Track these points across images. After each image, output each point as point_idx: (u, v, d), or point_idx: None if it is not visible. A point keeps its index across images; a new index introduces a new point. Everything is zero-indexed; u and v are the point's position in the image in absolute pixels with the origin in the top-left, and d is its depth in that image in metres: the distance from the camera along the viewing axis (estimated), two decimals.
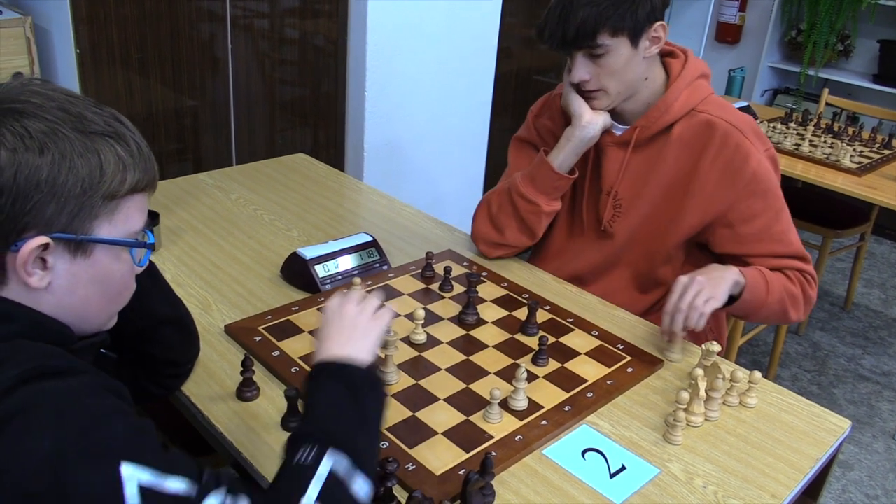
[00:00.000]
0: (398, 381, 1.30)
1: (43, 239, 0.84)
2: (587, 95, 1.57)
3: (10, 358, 0.79)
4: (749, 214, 1.54)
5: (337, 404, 0.93)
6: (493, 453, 1.12)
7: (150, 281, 1.14)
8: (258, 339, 1.38)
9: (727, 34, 5.05)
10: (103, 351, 1.05)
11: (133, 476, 0.73)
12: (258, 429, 1.18)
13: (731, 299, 1.48)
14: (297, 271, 1.59)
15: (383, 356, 1.29)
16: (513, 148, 1.80)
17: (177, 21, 2.57)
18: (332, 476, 0.83)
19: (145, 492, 0.73)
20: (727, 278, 1.45)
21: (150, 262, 1.16)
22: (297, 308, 1.48)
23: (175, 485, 0.75)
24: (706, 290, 1.39)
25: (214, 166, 2.25)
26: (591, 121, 1.56)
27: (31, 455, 0.72)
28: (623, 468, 1.14)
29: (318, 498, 0.81)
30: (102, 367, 1.03)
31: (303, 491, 0.81)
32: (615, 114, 1.62)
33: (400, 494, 1.05)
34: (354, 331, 1.02)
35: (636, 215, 1.63)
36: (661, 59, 1.59)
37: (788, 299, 1.54)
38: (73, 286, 0.89)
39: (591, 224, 1.70)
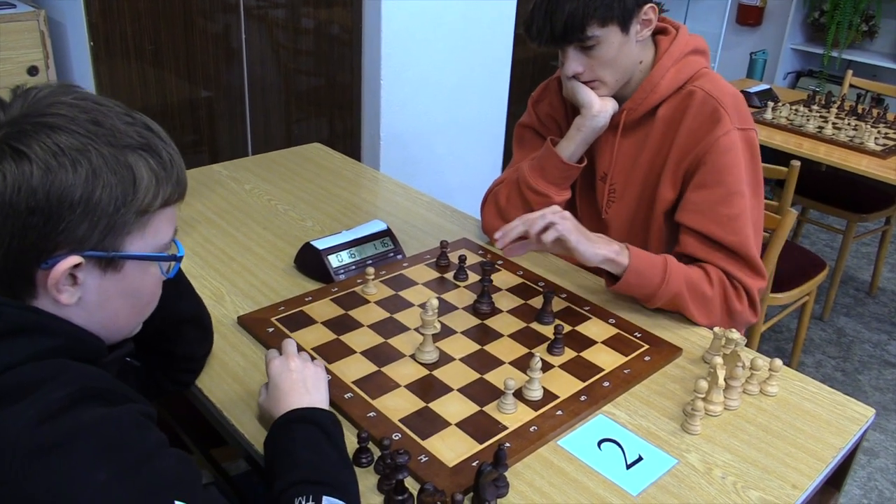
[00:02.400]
0: (437, 359, 1.30)
1: (75, 259, 0.82)
2: (586, 85, 1.54)
3: (53, 378, 0.78)
4: (699, 182, 1.47)
5: (317, 446, 0.98)
6: (507, 444, 1.11)
7: (173, 282, 1.13)
8: (271, 329, 1.37)
9: (749, 16, 4.98)
10: (128, 359, 1.05)
11: None
12: (270, 422, 1.17)
13: (615, 278, 1.44)
14: (310, 262, 1.58)
15: (422, 336, 1.29)
16: (516, 136, 1.77)
17: (190, 12, 2.57)
18: None
19: None
20: (595, 244, 1.39)
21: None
22: (310, 299, 1.47)
23: None
24: (559, 225, 1.37)
25: (230, 157, 2.25)
26: (601, 109, 1.52)
27: (86, 485, 0.71)
28: (640, 459, 1.12)
29: None
30: (126, 376, 1.03)
31: None
32: None
33: (412, 487, 1.03)
34: (306, 382, 1.09)
35: (628, 199, 1.60)
36: (653, 37, 1.54)
37: (693, 299, 1.43)
38: (103, 301, 0.88)
39: (589, 213, 1.68)
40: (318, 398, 1.09)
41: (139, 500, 0.73)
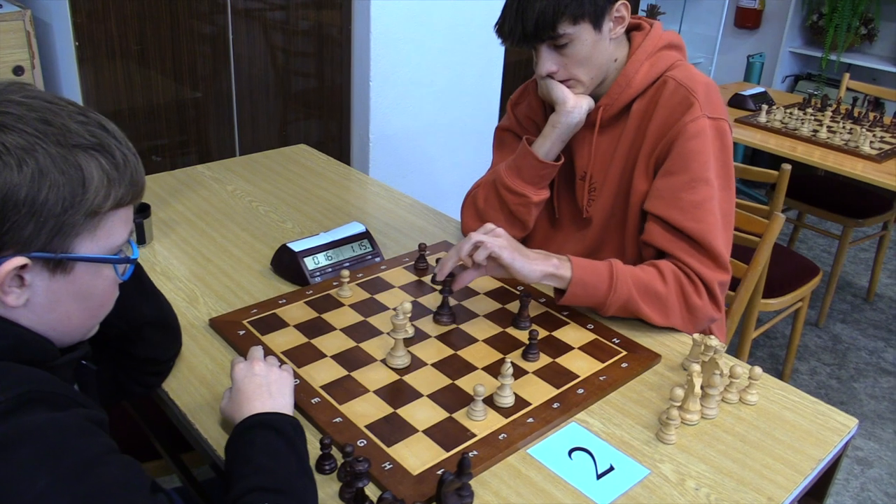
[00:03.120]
0: (408, 364, 1.27)
1: (20, 260, 0.79)
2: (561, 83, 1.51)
3: None
4: (666, 168, 1.44)
5: (274, 452, 0.96)
6: (474, 452, 1.08)
7: (134, 284, 1.10)
8: (242, 332, 1.34)
9: (747, 19, 4.95)
10: (84, 362, 1.02)
11: None
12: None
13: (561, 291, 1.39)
14: (286, 264, 1.55)
15: (393, 340, 1.26)
16: (496, 139, 1.75)
17: (176, 12, 2.54)
18: None
19: None
20: (532, 260, 1.33)
21: (139, 268, 1.13)
22: (283, 301, 1.44)
23: None
24: (489, 243, 1.32)
25: (218, 159, 2.22)
26: (575, 105, 1.50)
27: (25, 491, 0.69)
28: (611, 468, 1.09)
29: None
30: (82, 379, 1.01)
31: None
32: None
33: (375, 495, 1.01)
34: (270, 387, 1.07)
35: (606, 195, 1.57)
36: (627, 34, 1.52)
37: (646, 301, 1.39)
38: (53, 303, 0.85)
39: (570, 212, 1.65)
40: (281, 403, 1.06)
41: None
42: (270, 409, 1.03)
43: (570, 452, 1.12)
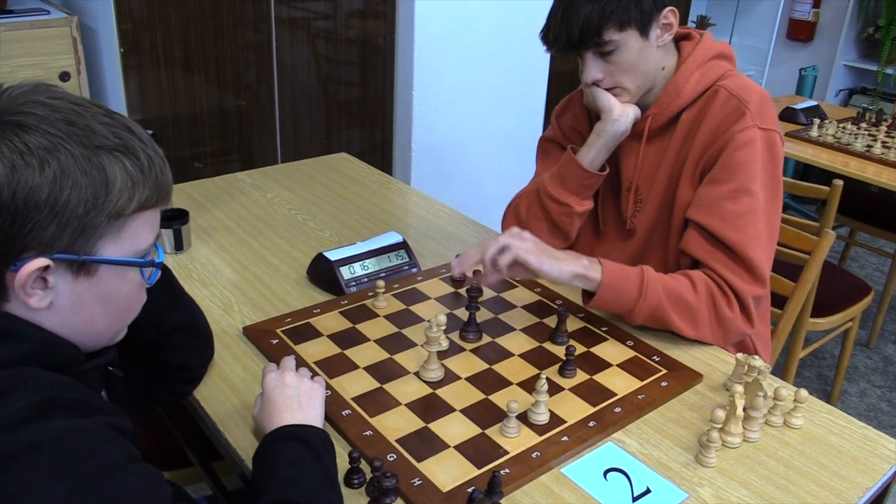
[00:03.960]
0: (441, 377, 1.25)
1: (43, 261, 0.80)
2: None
3: (19, 387, 0.76)
4: (711, 177, 1.41)
5: (301, 464, 0.95)
6: (506, 470, 1.06)
7: (164, 289, 1.10)
8: (275, 341, 1.34)
9: (799, 31, 4.85)
10: (110, 368, 1.02)
11: None
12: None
13: (591, 294, 1.38)
14: (322, 273, 1.55)
15: (427, 353, 1.25)
16: (540, 150, 1.73)
17: (220, 20, 2.57)
18: None
19: None
20: (562, 261, 1.32)
21: (166, 268, 1.13)
22: (318, 311, 1.44)
23: None
24: (515, 247, 1.31)
25: (260, 167, 2.24)
26: (622, 114, 1.47)
27: (43, 499, 0.69)
28: (648, 491, 1.06)
29: None
30: (109, 385, 1.01)
31: None
32: None
33: None
34: (301, 398, 1.06)
35: (650, 207, 1.54)
36: (676, 43, 1.49)
37: (675, 310, 1.35)
38: (77, 306, 0.85)
39: (614, 223, 1.62)
40: (311, 415, 1.05)
41: None
42: (300, 422, 1.03)
43: (605, 473, 1.09)
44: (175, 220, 1.64)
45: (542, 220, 1.59)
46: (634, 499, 1.05)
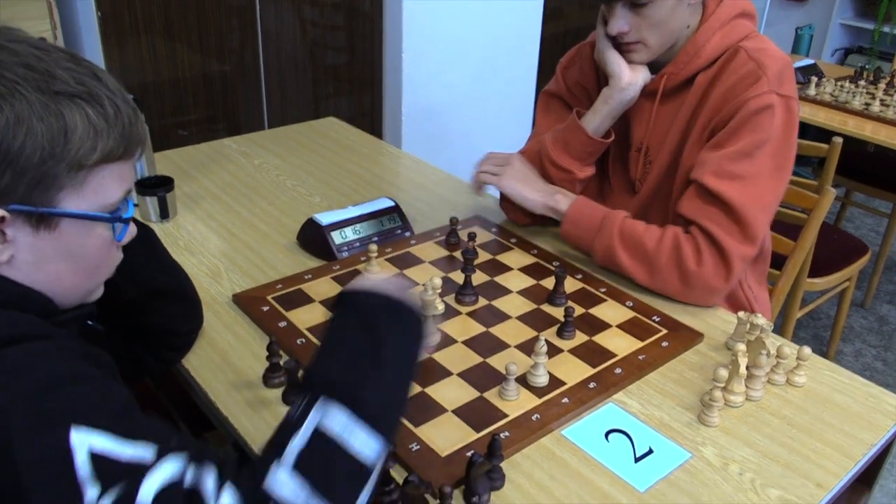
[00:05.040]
0: (437, 341, 1.21)
1: None
2: (623, 48, 1.44)
3: None
4: (716, 141, 1.37)
5: (343, 341, 0.80)
6: (506, 433, 1.05)
7: (145, 249, 1.08)
8: (266, 308, 1.32)
9: None
10: (90, 323, 1.00)
11: (84, 442, 0.67)
12: (258, 405, 1.12)
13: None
14: (312, 238, 1.52)
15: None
16: (541, 103, 1.68)
17: None
18: (317, 434, 0.71)
19: (97, 458, 0.67)
20: (536, 192, 1.51)
21: (147, 228, 1.10)
22: (309, 276, 1.42)
23: (132, 451, 0.68)
24: (501, 171, 1.54)
25: (246, 133, 2.20)
26: (630, 82, 1.43)
27: None
28: (650, 451, 1.05)
29: (297, 463, 0.69)
30: (89, 341, 0.98)
31: (280, 454, 0.70)
32: None
33: (401, 477, 0.97)
34: (389, 287, 0.87)
35: (657, 168, 1.50)
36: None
37: (626, 252, 1.38)
38: (40, 261, 0.82)
39: (621, 185, 1.59)
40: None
41: (29, 429, 0.67)
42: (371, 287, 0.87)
43: (606, 434, 1.08)
44: (160, 187, 1.61)
45: None
46: (637, 459, 1.04)
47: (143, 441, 0.69)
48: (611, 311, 1.35)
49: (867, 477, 1.20)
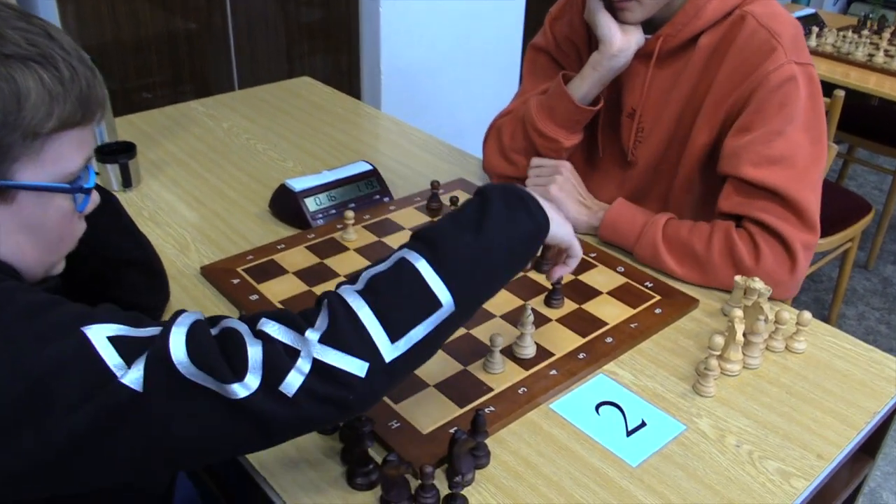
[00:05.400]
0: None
1: None
2: (616, 5, 1.38)
3: None
4: (741, 125, 1.32)
5: (454, 215, 0.86)
6: (491, 408, 1.04)
7: (109, 219, 1.07)
8: (236, 281, 1.30)
9: None
10: None
11: (99, 332, 0.70)
12: None
13: None
14: (286, 205, 1.50)
15: None
16: (528, 58, 1.65)
17: None
18: (395, 264, 0.79)
19: (117, 340, 0.70)
20: (582, 208, 1.49)
21: (111, 197, 1.08)
22: (282, 246, 1.40)
23: (146, 331, 0.73)
24: (548, 182, 1.48)
25: (215, 94, 2.17)
26: (622, 48, 1.38)
27: None
28: (643, 424, 1.04)
29: (367, 286, 0.78)
30: None
31: (354, 280, 0.79)
32: None
33: (381, 456, 0.96)
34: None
35: (656, 140, 1.46)
36: None
37: (676, 260, 1.34)
38: None
39: (612, 152, 1.55)
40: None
41: (38, 344, 0.68)
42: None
43: (597, 407, 1.07)
44: (121, 154, 1.58)
45: (525, 153, 1.54)
46: (629, 433, 1.03)
47: (152, 325, 0.74)
48: (601, 277, 1.34)
49: (870, 446, 1.20)
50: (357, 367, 0.72)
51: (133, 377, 0.68)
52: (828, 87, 2.53)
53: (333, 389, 0.72)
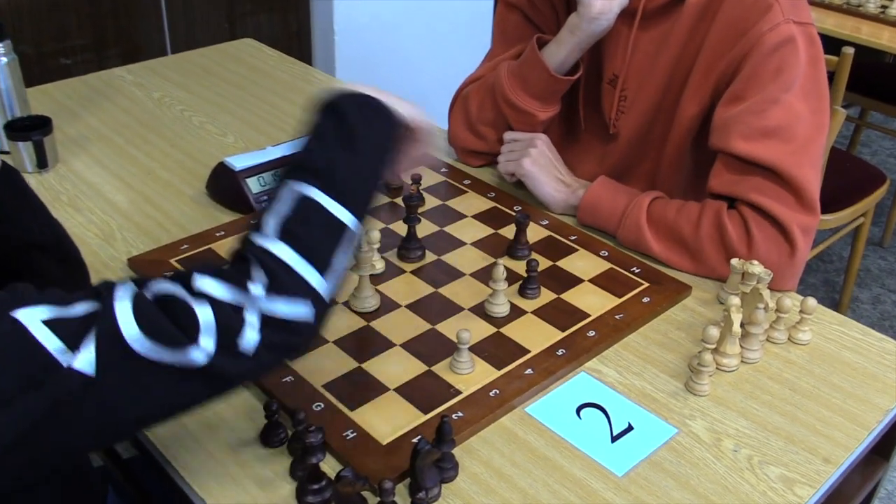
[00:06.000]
0: (377, 306, 1.24)
1: None
2: None
3: None
4: (733, 93, 1.32)
5: (318, 136, 0.92)
6: (459, 414, 1.05)
7: (14, 198, 1.06)
8: (169, 274, 1.28)
9: None
10: None
11: (32, 316, 0.72)
12: None
13: None
14: (225, 186, 1.50)
15: (357, 278, 1.22)
16: (498, 16, 1.64)
17: None
18: (296, 201, 0.84)
19: (53, 323, 0.72)
20: (558, 186, 1.48)
21: (16, 174, 1.07)
22: (222, 233, 1.40)
23: (80, 308, 0.74)
24: (521, 160, 1.48)
25: (144, 60, 2.15)
26: (602, 11, 1.37)
27: None
28: (630, 428, 1.05)
29: (280, 230, 0.82)
30: None
31: (259, 228, 0.83)
32: None
33: (335, 471, 0.96)
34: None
35: (641, 109, 1.47)
36: None
37: (662, 245, 1.35)
38: None
39: (592, 123, 1.55)
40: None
41: None
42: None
43: (578, 410, 1.08)
44: (35, 130, 1.57)
45: (495, 127, 1.55)
46: (614, 438, 1.04)
47: (82, 301, 0.75)
48: (582, 263, 1.35)
49: (884, 447, 1.22)
50: (304, 312, 0.80)
51: (84, 360, 0.71)
52: (836, 44, 2.55)
53: (287, 337, 0.80)
